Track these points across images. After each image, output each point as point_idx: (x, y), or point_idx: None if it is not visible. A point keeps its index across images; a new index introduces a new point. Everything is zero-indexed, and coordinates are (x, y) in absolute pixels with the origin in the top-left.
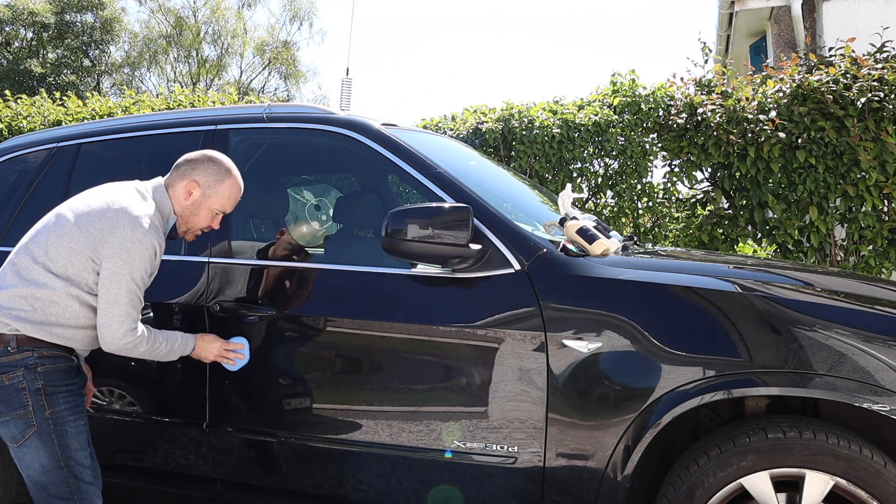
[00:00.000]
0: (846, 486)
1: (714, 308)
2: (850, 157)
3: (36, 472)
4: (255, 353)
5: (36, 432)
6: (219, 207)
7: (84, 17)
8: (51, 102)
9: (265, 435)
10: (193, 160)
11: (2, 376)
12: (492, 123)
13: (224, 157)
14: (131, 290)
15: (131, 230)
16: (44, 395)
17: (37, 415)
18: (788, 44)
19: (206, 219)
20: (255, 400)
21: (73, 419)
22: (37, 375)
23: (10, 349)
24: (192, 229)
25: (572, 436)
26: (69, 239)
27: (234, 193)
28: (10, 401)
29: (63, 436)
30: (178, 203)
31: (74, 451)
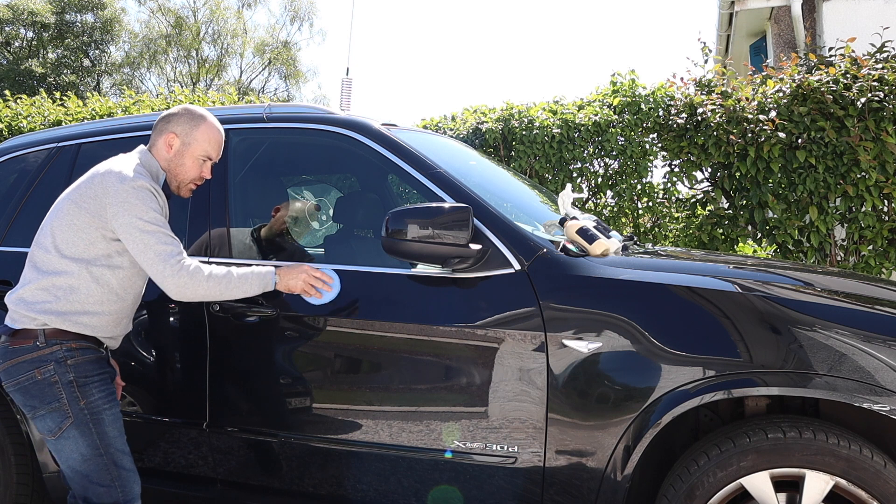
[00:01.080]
0: (846, 486)
1: (714, 308)
2: (850, 157)
3: (76, 461)
4: (255, 353)
5: (73, 423)
6: (202, 153)
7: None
8: (51, 102)
9: (265, 435)
10: (168, 115)
11: (33, 371)
12: (492, 123)
13: (198, 108)
14: (150, 230)
15: (120, 182)
16: (76, 387)
17: (72, 406)
18: (788, 44)
19: (193, 168)
20: (255, 400)
21: (108, 407)
22: (68, 368)
23: (38, 344)
24: (182, 182)
25: (572, 436)
26: (70, 217)
27: (214, 136)
28: (44, 395)
29: (100, 424)
30: (163, 159)
31: (113, 439)
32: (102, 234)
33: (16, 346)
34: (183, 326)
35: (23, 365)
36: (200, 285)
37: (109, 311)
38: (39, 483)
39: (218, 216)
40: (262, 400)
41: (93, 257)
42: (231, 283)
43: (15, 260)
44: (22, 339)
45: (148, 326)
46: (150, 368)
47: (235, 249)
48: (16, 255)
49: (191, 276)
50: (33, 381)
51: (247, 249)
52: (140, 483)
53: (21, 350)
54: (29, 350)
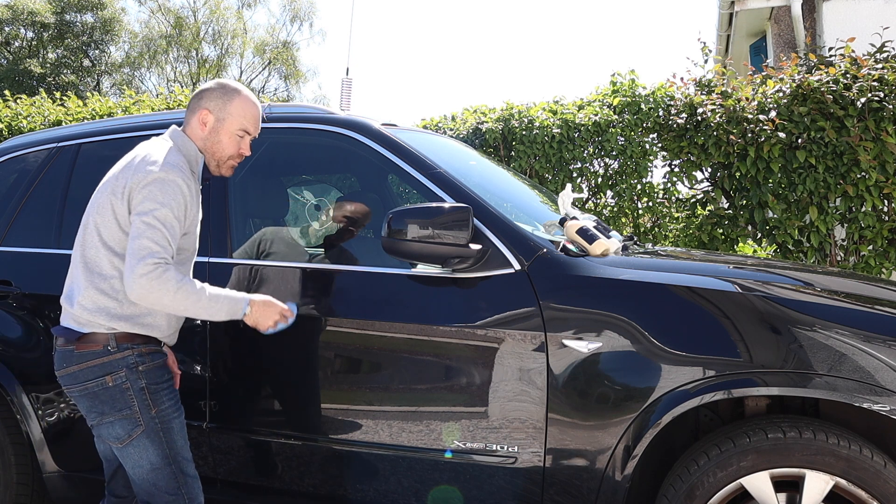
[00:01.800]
0: (846, 486)
1: (714, 308)
2: (850, 157)
3: (144, 469)
4: (256, 353)
5: (144, 432)
6: (238, 127)
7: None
8: (51, 102)
9: (265, 435)
10: (199, 92)
11: (104, 377)
12: (492, 123)
13: (229, 80)
14: (152, 224)
15: (147, 172)
16: (148, 395)
17: (143, 414)
18: (788, 44)
19: (230, 145)
20: (255, 400)
21: (176, 415)
22: (139, 375)
23: (109, 349)
24: (221, 160)
25: (572, 436)
26: (110, 211)
27: (250, 110)
28: (115, 402)
29: (170, 432)
30: (199, 138)
31: (181, 448)
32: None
33: (84, 349)
34: (184, 326)
35: (93, 370)
36: (166, 295)
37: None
38: (39, 483)
39: (218, 216)
40: (262, 400)
41: None
42: (199, 302)
43: (15, 260)
44: (90, 342)
45: None
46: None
47: (235, 249)
48: (16, 255)
49: (160, 283)
50: (104, 387)
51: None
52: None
53: (90, 354)
54: (99, 354)
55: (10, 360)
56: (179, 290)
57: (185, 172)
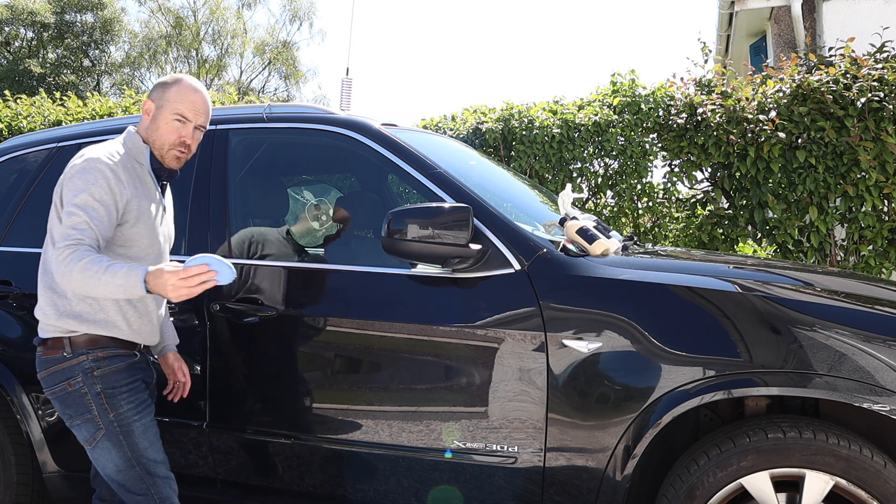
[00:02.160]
0: (846, 486)
1: (714, 308)
2: (850, 157)
3: (112, 471)
4: (256, 353)
5: (105, 435)
6: (173, 111)
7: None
8: (51, 102)
9: (265, 435)
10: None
11: (64, 383)
12: (492, 123)
13: (181, 74)
14: (72, 212)
15: (71, 166)
16: (105, 399)
17: (102, 418)
18: (788, 44)
19: (168, 132)
20: (255, 400)
21: (137, 418)
22: (95, 379)
23: (65, 354)
24: (163, 149)
25: (572, 436)
26: (54, 208)
27: (187, 95)
28: (78, 406)
29: (130, 435)
30: (143, 128)
31: (144, 450)
32: None
33: (47, 356)
34: (183, 326)
35: (55, 375)
36: (73, 277)
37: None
38: (39, 483)
39: (218, 216)
40: (262, 400)
41: None
42: (99, 282)
43: (15, 260)
44: (51, 349)
45: None
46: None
47: (235, 249)
48: (16, 255)
49: (67, 264)
50: (66, 392)
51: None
52: (177, 489)
53: (52, 360)
54: (59, 360)
55: (10, 360)
56: (82, 272)
57: (115, 159)
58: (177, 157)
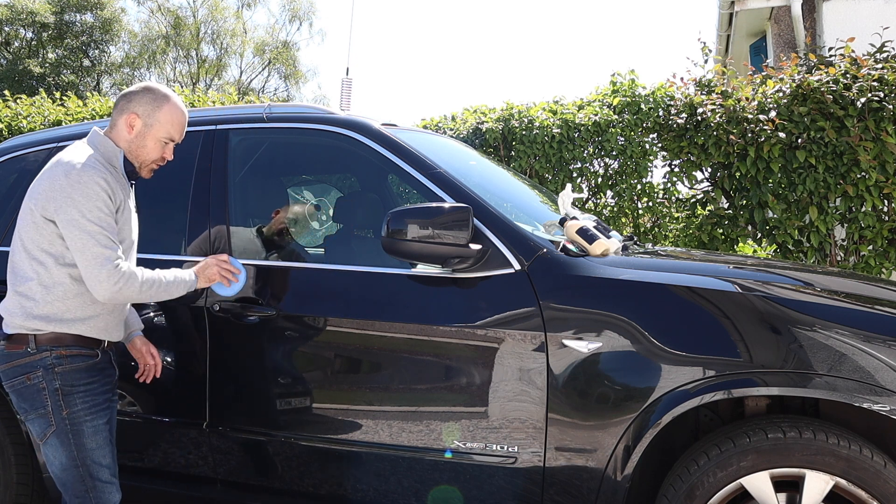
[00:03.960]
0: (846, 486)
1: (714, 308)
2: (850, 157)
3: (57, 469)
4: (256, 353)
5: (55, 432)
6: (165, 135)
7: (84, 17)
8: (51, 102)
9: (265, 435)
10: (129, 93)
11: (23, 377)
12: (492, 123)
13: (160, 85)
14: (92, 230)
15: (65, 176)
16: (61, 396)
17: (55, 415)
18: (788, 44)
19: (155, 150)
20: (255, 400)
21: (90, 419)
22: (55, 375)
23: (29, 350)
24: (144, 163)
25: (572, 436)
26: (28, 215)
27: (178, 118)
28: (33, 400)
29: (79, 435)
30: (123, 139)
31: (91, 451)
32: (53, 230)
33: (11, 349)
34: (183, 326)
35: (16, 368)
36: (132, 291)
37: (91, 302)
38: (39, 483)
39: (218, 216)
40: (262, 400)
41: (59, 253)
42: (160, 288)
43: None
44: (15, 343)
45: (148, 326)
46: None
47: (235, 249)
48: None
49: (125, 282)
50: (24, 385)
51: (248, 248)
52: (120, 495)
53: (15, 355)
54: (21, 355)
55: None
56: (143, 285)
57: (101, 168)
58: (152, 171)
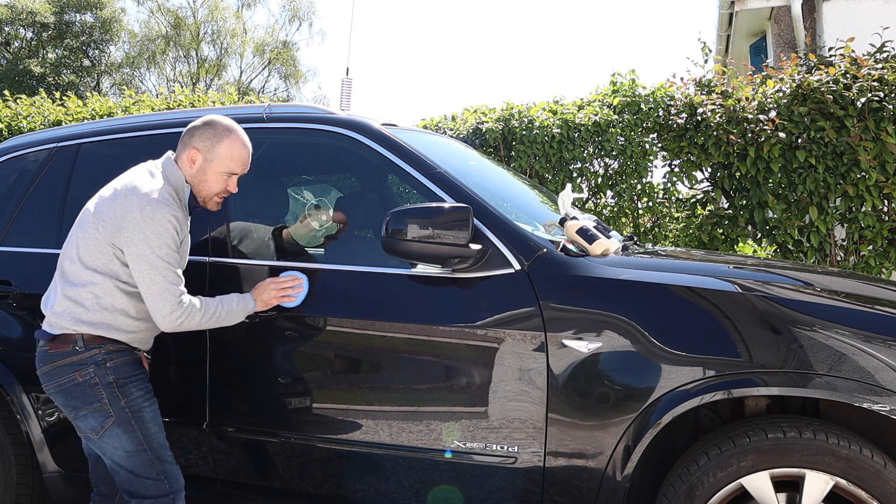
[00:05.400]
0: (846, 486)
1: (714, 308)
2: (850, 157)
3: (121, 457)
4: (256, 353)
5: (115, 422)
6: (225, 169)
7: (84, 17)
8: (51, 102)
9: (265, 435)
10: (192, 128)
11: (74, 374)
12: (492, 123)
13: (223, 119)
14: (160, 266)
15: (140, 210)
16: (116, 387)
17: (113, 405)
18: (788, 44)
19: (217, 184)
20: (255, 400)
21: (147, 405)
22: (107, 370)
23: (77, 349)
24: (207, 197)
25: (572, 436)
26: (93, 231)
27: (238, 152)
28: (85, 396)
29: (142, 421)
30: (187, 173)
31: (155, 434)
32: (115, 254)
33: (55, 350)
34: None
35: (63, 368)
36: (193, 323)
37: (138, 318)
38: (39, 483)
39: (218, 216)
40: (262, 400)
41: (112, 273)
42: (220, 318)
43: (15, 260)
44: (61, 343)
45: None
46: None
47: (236, 248)
48: (16, 255)
49: (187, 316)
50: (74, 383)
51: (248, 248)
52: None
53: (60, 354)
54: (68, 354)
55: (10, 360)
56: (204, 316)
57: (173, 204)
58: (218, 204)
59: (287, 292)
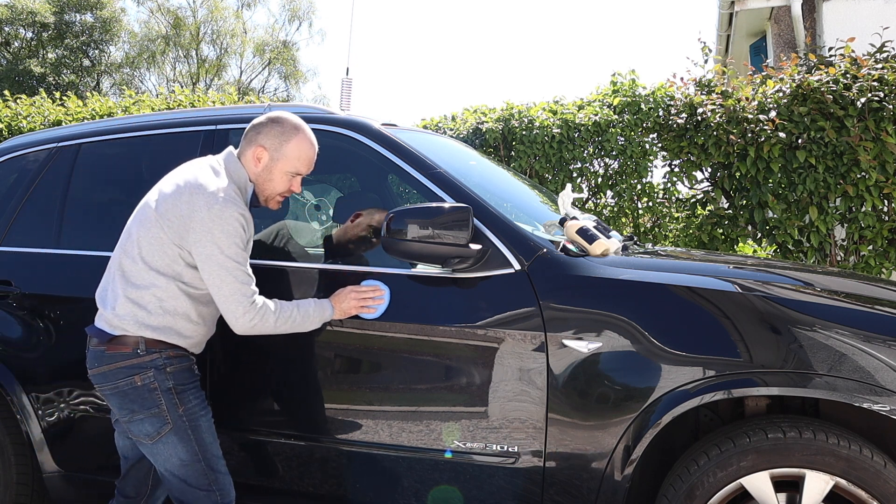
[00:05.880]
0: (846, 486)
1: (714, 308)
2: (850, 157)
3: (174, 466)
4: (256, 353)
5: (172, 429)
6: (291, 169)
7: (84, 17)
8: (51, 102)
9: (265, 435)
10: (258, 124)
11: (133, 377)
12: (492, 123)
13: (291, 116)
14: (230, 267)
15: (207, 209)
16: (175, 394)
17: (171, 413)
18: (788, 44)
19: (282, 183)
20: (255, 400)
21: (203, 413)
22: (167, 376)
23: (139, 352)
24: (270, 196)
25: (572, 436)
26: (156, 230)
27: (305, 152)
28: (144, 400)
29: (198, 430)
30: (251, 171)
31: (210, 444)
32: (180, 254)
33: (114, 350)
34: None
35: (123, 370)
36: (268, 326)
37: (198, 321)
38: (39, 483)
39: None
40: (262, 400)
41: (175, 275)
42: (295, 322)
43: (15, 260)
44: (121, 345)
45: None
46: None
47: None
48: (16, 255)
49: (261, 317)
50: (133, 386)
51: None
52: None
53: (120, 356)
54: (129, 356)
55: (10, 360)
56: (279, 319)
57: (240, 202)
58: (279, 203)
59: (367, 302)
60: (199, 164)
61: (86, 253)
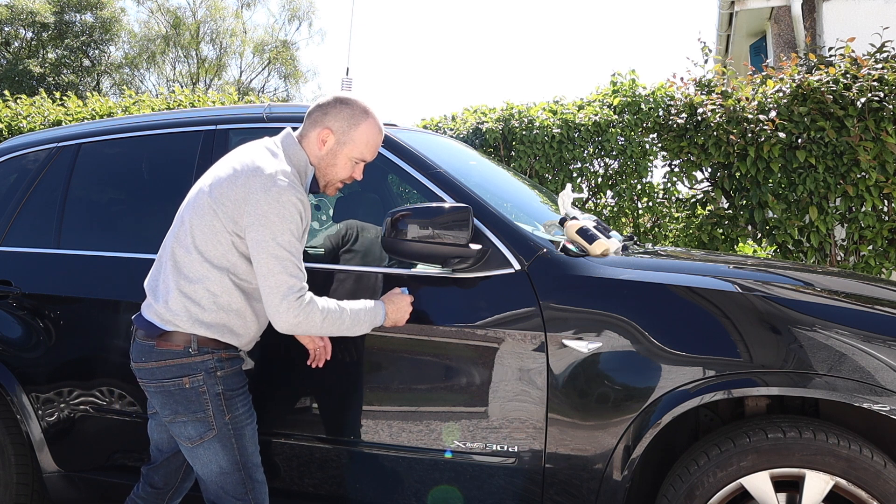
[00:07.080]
0: (846, 486)
1: (714, 308)
2: (850, 157)
3: (213, 472)
4: (255, 353)
5: (216, 436)
6: (357, 155)
7: (84, 17)
8: (51, 102)
9: (265, 435)
10: (325, 105)
11: (182, 378)
12: (492, 123)
13: (360, 99)
14: (280, 255)
15: (264, 192)
16: (223, 400)
17: (217, 419)
18: (788, 44)
19: (345, 169)
20: (255, 400)
21: (249, 422)
22: (217, 380)
23: (191, 351)
24: (331, 182)
25: (572, 436)
26: (210, 217)
27: (373, 138)
28: (190, 403)
29: (242, 439)
30: (313, 154)
31: (251, 455)
32: (234, 244)
33: (164, 347)
34: None
35: (171, 369)
36: (313, 326)
37: (251, 318)
38: (39, 483)
39: None
40: (261, 400)
41: (231, 265)
42: (343, 325)
43: (15, 260)
44: (171, 341)
45: None
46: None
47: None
48: (16, 254)
49: (306, 315)
50: (180, 387)
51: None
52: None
53: (170, 353)
54: (179, 355)
55: (10, 360)
56: (326, 318)
57: (297, 187)
58: (338, 189)
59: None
60: (255, 146)
61: (86, 253)
